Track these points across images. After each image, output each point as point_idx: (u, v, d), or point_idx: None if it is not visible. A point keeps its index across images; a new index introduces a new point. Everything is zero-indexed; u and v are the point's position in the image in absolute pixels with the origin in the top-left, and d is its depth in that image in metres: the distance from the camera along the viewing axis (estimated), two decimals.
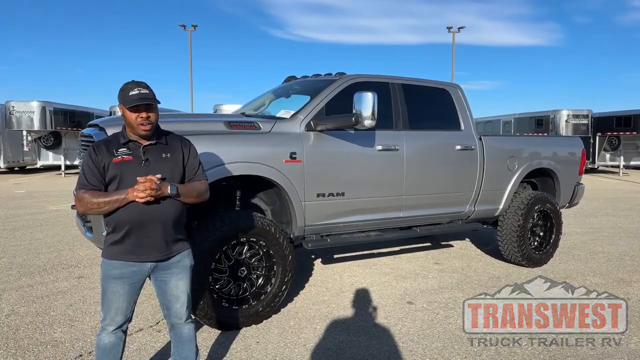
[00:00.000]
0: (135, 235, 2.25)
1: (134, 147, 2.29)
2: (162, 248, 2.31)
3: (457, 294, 4.53)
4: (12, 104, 17.80)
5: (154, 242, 2.28)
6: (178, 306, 2.43)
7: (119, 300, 2.31)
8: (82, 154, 3.96)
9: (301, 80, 5.22)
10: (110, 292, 2.30)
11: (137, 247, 2.27)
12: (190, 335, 2.52)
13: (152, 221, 2.25)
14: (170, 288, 2.40)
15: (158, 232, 2.28)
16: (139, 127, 2.24)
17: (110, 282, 2.29)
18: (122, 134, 2.33)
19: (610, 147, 21.34)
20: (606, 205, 10.97)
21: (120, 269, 2.28)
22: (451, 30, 29.88)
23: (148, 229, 2.25)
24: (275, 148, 3.81)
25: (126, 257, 2.27)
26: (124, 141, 2.29)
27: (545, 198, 5.59)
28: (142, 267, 2.31)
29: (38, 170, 20.78)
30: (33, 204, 10.47)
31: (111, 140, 2.34)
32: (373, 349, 3.34)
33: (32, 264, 5.44)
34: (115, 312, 2.32)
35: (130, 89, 2.24)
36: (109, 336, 2.34)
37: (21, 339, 3.43)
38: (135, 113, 2.22)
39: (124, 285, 2.29)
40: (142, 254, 2.28)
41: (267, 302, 3.75)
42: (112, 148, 2.27)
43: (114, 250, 2.28)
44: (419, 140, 4.65)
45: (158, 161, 2.31)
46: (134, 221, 2.22)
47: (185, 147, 2.44)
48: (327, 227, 4.23)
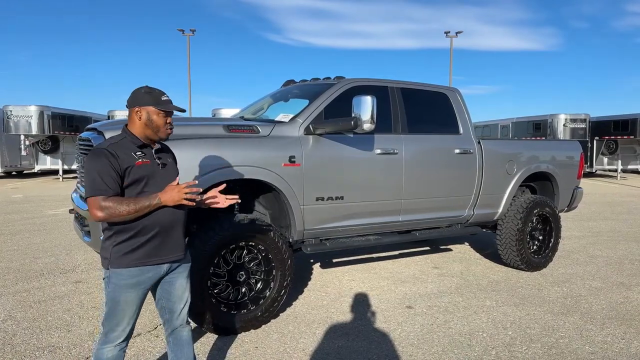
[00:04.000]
0: (161, 237, 2.25)
1: (147, 150, 2.30)
2: (181, 247, 2.36)
3: (457, 298, 4.51)
4: (9, 108, 17.74)
5: (175, 242, 2.32)
6: (182, 306, 2.43)
7: (132, 309, 2.25)
8: (80, 158, 3.95)
9: (300, 84, 5.22)
10: (124, 302, 2.21)
11: (161, 249, 2.26)
12: (188, 338, 2.50)
13: (178, 222, 2.32)
14: (176, 288, 2.40)
15: (179, 233, 2.34)
16: (165, 131, 2.29)
17: (125, 291, 2.20)
18: (130, 138, 2.25)
19: (608, 151, 21.39)
20: (604, 209, 10.99)
21: (137, 276, 2.21)
22: (449, 35, 30.00)
23: (174, 230, 2.30)
24: (274, 152, 3.80)
25: (147, 262, 2.22)
26: (139, 144, 2.26)
27: (544, 202, 5.59)
28: (158, 271, 2.28)
29: (36, 174, 20.72)
30: (30, 208, 10.43)
31: (122, 143, 2.22)
32: (372, 354, 3.32)
33: (30, 269, 5.41)
34: (128, 322, 2.26)
35: (160, 94, 2.28)
36: (112, 350, 2.25)
37: (18, 344, 3.40)
38: (165, 117, 2.28)
39: (138, 292, 2.24)
40: (165, 255, 2.29)
41: (265, 306, 3.73)
42: (130, 151, 2.21)
43: (132, 257, 2.19)
44: (417, 144, 4.65)
45: (168, 164, 2.36)
46: (166, 224, 2.24)
47: (171, 152, 2.51)
48: (326, 231, 4.22)
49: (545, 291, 4.77)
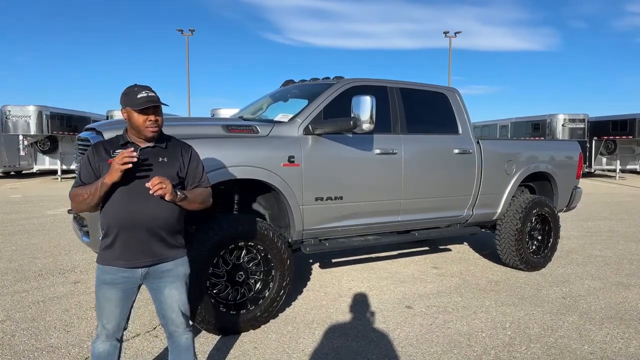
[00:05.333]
0: (124, 238, 2.21)
1: (132, 148, 2.25)
2: (152, 253, 2.25)
3: (456, 298, 4.51)
4: (8, 108, 17.72)
5: (142, 247, 2.23)
6: (174, 316, 2.36)
7: (110, 306, 2.26)
8: (79, 157, 3.94)
9: (299, 84, 5.22)
10: (102, 297, 2.26)
11: (126, 251, 2.22)
12: (187, 344, 2.43)
13: (140, 224, 2.20)
14: (164, 297, 2.34)
15: (146, 236, 2.23)
16: (147, 130, 2.24)
17: (102, 287, 2.25)
18: (122, 136, 2.33)
19: (606, 151, 21.43)
20: (603, 209, 11.00)
21: (112, 274, 2.23)
22: (448, 35, 30.01)
23: (136, 232, 2.21)
24: (273, 152, 3.79)
25: (117, 263, 2.23)
26: (122, 142, 2.30)
27: (543, 202, 5.59)
28: (133, 274, 2.26)
29: (34, 174, 20.70)
30: (29, 208, 10.41)
31: (111, 141, 2.36)
32: (372, 354, 3.32)
33: (28, 269, 5.40)
34: (107, 319, 2.27)
35: (137, 91, 2.24)
36: (103, 344, 2.30)
37: (17, 345, 3.39)
38: (144, 115, 2.22)
39: (116, 291, 2.24)
40: (131, 259, 2.23)
41: (265, 306, 3.72)
42: (110, 149, 2.28)
43: (107, 255, 2.24)
44: (417, 144, 4.65)
45: (154, 165, 2.27)
46: (122, 224, 2.19)
47: (185, 154, 2.39)
48: (326, 231, 4.21)
49: (544, 291, 4.77)
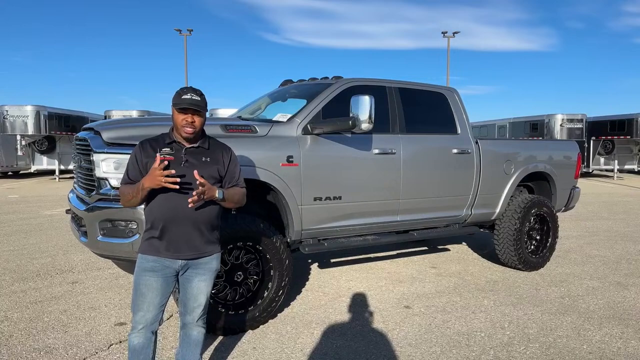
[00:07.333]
0: (169, 232, 2.34)
1: (177, 148, 2.40)
2: (194, 247, 2.39)
3: (455, 298, 4.51)
4: (5, 108, 17.68)
5: (186, 240, 2.36)
6: (195, 305, 2.48)
7: (152, 294, 2.34)
8: (77, 158, 3.93)
9: (298, 84, 5.21)
10: (143, 285, 2.34)
11: (171, 244, 2.34)
12: (198, 340, 2.54)
13: (184, 220, 2.34)
14: (191, 287, 2.46)
15: (189, 230, 2.36)
16: (182, 129, 2.35)
17: (144, 274, 2.34)
18: (168, 135, 2.43)
19: (604, 151, 21.46)
20: (601, 208, 11.02)
21: (154, 262, 2.34)
22: (446, 35, 30.07)
23: (181, 228, 2.34)
24: (272, 152, 3.79)
25: (161, 254, 2.34)
26: (168, 141, 2.40)
27: (541, 201, 5.60)
28: (173, 264, 2.38)
29: (32, 174, 20.64)
30: (27, 208, 10.38)
31: (158, 139, 2.44)
32: (371, 354, 3.31)
33: (26, 269, 5.38)
34: (147, 307, 2.34)
35: (184, 92, 2.36)
36: (138, 337, 2.36)
37: (14, 345, 3.38)
38: (182, 115, 2.34)
39: (158, 278, 2.35)
40: (175, 251, 2.35)
41: (263, 307, 3.72)
42: (157, 147, 2.37)
43: (151, 245, 2.36)
44: (415, 144, 4.65)
45: (197, 164, 2.38)
46: (167, 218, 2.32)
47: (225, 154, 2.53)
48: (324, 231, 4.21)
49: (543, 291, 4.78)
